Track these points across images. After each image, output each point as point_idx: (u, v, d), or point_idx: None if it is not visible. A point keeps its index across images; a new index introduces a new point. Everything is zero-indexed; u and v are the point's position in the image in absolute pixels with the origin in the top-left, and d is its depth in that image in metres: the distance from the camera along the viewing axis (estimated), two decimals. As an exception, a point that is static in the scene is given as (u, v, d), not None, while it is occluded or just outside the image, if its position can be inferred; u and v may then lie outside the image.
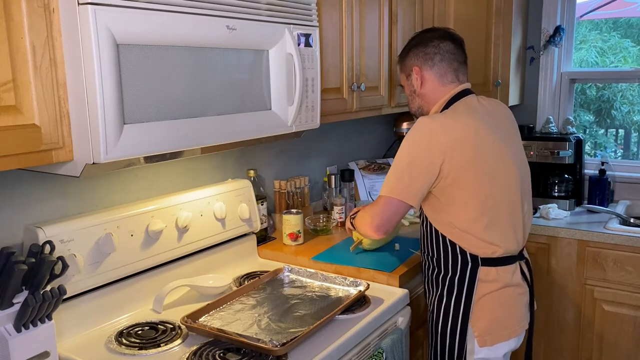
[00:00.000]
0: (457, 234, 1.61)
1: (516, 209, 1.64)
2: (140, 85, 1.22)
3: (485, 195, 1.57)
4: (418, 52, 1.72)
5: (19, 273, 1.13)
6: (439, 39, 1.71)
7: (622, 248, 2.36)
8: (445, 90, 1.70)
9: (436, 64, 1.70)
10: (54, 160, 1.16)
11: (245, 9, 1.47)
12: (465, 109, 1.64)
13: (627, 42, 3.13)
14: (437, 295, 1.68)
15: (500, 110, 1.75)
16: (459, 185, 1.56)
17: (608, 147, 3.30)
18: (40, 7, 1.09)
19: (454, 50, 1.71)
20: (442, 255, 1.66)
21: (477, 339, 1.61)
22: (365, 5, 2.13)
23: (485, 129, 1.60)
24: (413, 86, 1.74)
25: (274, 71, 1.60)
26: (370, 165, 2.79)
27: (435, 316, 1.69)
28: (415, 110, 1.79)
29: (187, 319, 1.47)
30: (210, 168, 2.01)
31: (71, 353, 1.37)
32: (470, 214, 1.57)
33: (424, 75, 1.71)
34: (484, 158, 1.58)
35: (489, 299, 1.61)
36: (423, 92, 1.73)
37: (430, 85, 1.71)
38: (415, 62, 1.73)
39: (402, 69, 1.81)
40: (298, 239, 2.08)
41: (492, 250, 1.60)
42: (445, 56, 1.70)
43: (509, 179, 1.62)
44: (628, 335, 2.41)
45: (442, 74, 1.70)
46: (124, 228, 1.55)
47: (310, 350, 1.37)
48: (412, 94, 1.77)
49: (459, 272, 1.63)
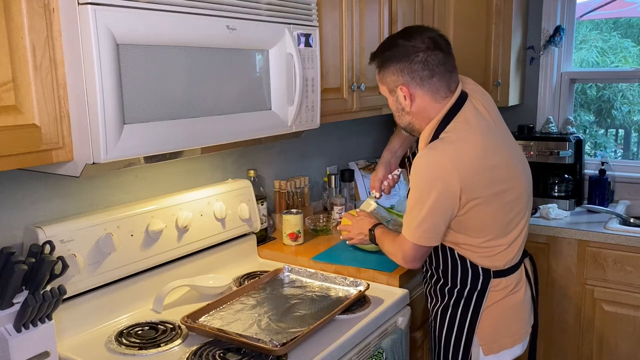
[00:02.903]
0: (468, 250, 1.55)
1: (524, 218, 1.59)
2: (140, 85, 1.22)
3: (498, 219, 1.51)
4: (402, 67, 1.48)
5: (19, 273, 1.13)
6: (426, 51, 1.46)
7: (622, 248, 2.36)
8: (439, 106, 1.50)
9: (426, 81, 1.48)
10: (54, 160, 1.16)
11: (245, 9, 1.47)
12: (468, 128, 1.48)
13: (628, 42, 3.13)
14: (442, 305, 1.63)
15: (491, 103, 1.61)
16: (471, 215, 1.48)
17: (608, 147, 3.30)
18: (40, 7, 1.09)
19: (444, 61, 1.49)
20: (449, 267, 1.59)
21: (482, 347, 1.59)
22: (365, 5, 2.12)
23: (493, 144, 1.50)
24: (401, 104, 1.54)
25: (274, 71, 1.60)
26: (370, 165, 2.78)
27: (439, 325, 1.64)
28: (404, 127, 1.61)
29: (187, 319, 1.47)
30: (210, 168, 2.01)
31: (71, 353, 1.37)
32: (482, 237, 1.52)
33: (413, 94, 1.50)
34: (497, 181, 1.48)
35: (495, 307, 1.58)
36: (414, 110, 1.53)
37: (421, 103, 1.51)
38: (399, 79, 1.50)
39: (383, 82, 1.56)
40: (298, 239, 2.08)
41: (504, 262, 1.56)
42: (436, 70, 1.47)
43: (519, 191, 1.55)
44: (628, 335, 2.41)
45: (434, 90, 1.49)
46: (124, 228, 1.55)
47: (310, 350, 1.37)
48: (399, 111, 1.57)
49: (469, 284, 1.57)
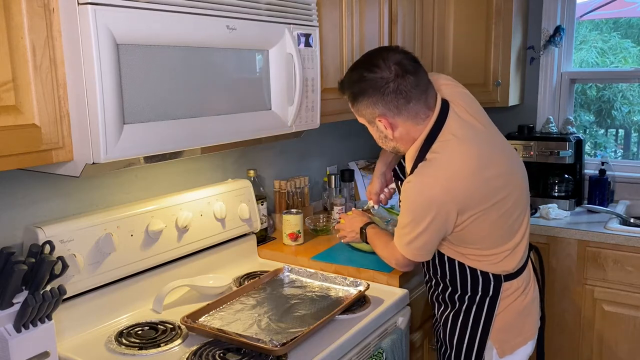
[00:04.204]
0: (474, 259, 1.54)
1: (525, 218, 1.57)
2: (140, 85, 1.22)
3: (498, 227, 1.50)
4: (375, 101, 1.45)
5: (19, 273, 1.13)
6: (395, 80, 1.41)
7: (622, 248, 2.36)
8: (422, 127, 1.47)
9: (403, 108, 1.44)
10: (54, 160, 1.16)
11: (245, 9, 1.47)
12: (456, 143, 1.44)
13: (628, 42, 3.13)
14: (453, 312, 1.61)
15: (475, 105, 1.57)
16: (470, 230, 1.47)
17: (608, 147, 3.30)
18: (40, 7, 1.09)
19: (417, 82, 1.43)
20: (457, 276, 1.57)
21: (496, 350, 1.58)
22: (365, 5, 2.12)
23: (485, 153, 1.46)
24: (382, 132, 1.51)
25: (274, 71, 1.60)
26: (370, 165, 2.78)
27: (450, 330, 1.62)
28: (390, 150, 1.59)
29: (187, 319, 1.47)
30: (210, 168, 2.01)
31: (71, 353, 1.37)
32: (484, 246, 1.51)
33: (392, 122, 1.47)
34: (495, 191, 1.46)
35: (508, 310, 1.57)
36: (397, 136, 1.50)
37: (403, 130, 1.48)
38: (375, 111, 1.47)
39: (358, 114, 1.54)
40: (298, 239, 2.08)
41: (513, 266, 1.55)
42: (411, 95, 1.42)
43: (517, 194, 1.53)
44: (628, 335, 2.41)
45: (414, 115, 1.45)
46: (124, 228, 1.55)
47: (310, 350, 1.37)
48: (382, 139, 1.55)
49: (481, 291, 1.55)
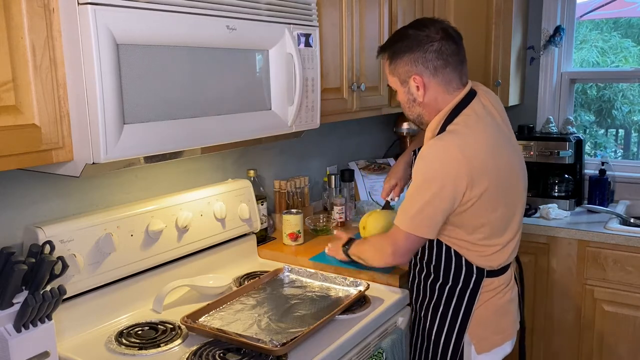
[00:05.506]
0: (464, 247, 1.55)
1: (518, 221, 1.59)
2: (140, 85, 1.22)
3: (496, 218, 1.51)
4: (416, 57, 1.50)
5: (19, 273, 1.13)
6: (440, 41, 1.49)
7: (622, 248, 2.36)
8: (450, 98, 1.52)
9: (440, 71, 1.50)
10: (54, 160, 1.16)
11: (245, 9, 1.46)
12: (477, 120, 1.49)
13: (628, 42, 3.13)
14: (433, 302, 1.63)
15: (499, 104, 1.63)
16: (471, 213, 1.48)
17: (608, 147, 3.30)
18: (40, 7, 1.09)
19: (457, 51, 1.51)
20: (442, 263, 1.59)
21: (474, 346, 1.59)
22: (365, 5, 2.12)
23: (498, 143, 1.51)
24: (412, 95, 1.55)
25: (274, 71, 1.60)
26: (370, 165, 2.78)
27: (429, 322, 1.63)
28: (413, 119, 1.62)
29: (187, 319, 1.47)
30: (210, 168, 2.01)
31: (71, 353, 1.37)
32: (479, 234, 1.52)
33: (426, 83, 1.52)
34: (500, 181, 1.49)
35: (486, 306, 1.59)
36: (426, 101, 1.54)
37: (434, 94, 1.53)
38: (413, 68, 1.51)
39: (394, 73, 1.58)
40: (298, 239, 2.08)
41: (499, 263, 1.57)
42: (450, 61, 1.50)
43: (517, 194, 1.57)
44: (628, 335, 2.41)
45: (447, 81, 1.51)
46: (124, 228, 1.55)
47: (310, 351, 1.37)
48: (410, 102, 1.57)
49: (462, 282, 1.57)
